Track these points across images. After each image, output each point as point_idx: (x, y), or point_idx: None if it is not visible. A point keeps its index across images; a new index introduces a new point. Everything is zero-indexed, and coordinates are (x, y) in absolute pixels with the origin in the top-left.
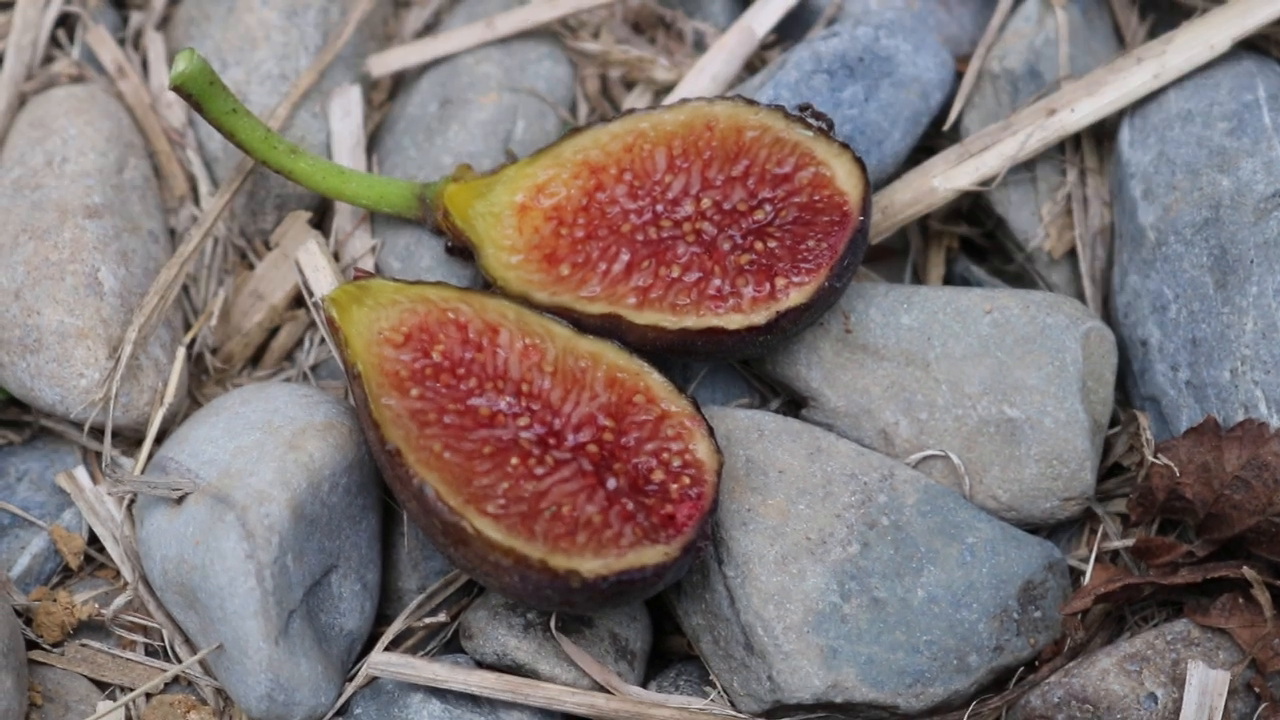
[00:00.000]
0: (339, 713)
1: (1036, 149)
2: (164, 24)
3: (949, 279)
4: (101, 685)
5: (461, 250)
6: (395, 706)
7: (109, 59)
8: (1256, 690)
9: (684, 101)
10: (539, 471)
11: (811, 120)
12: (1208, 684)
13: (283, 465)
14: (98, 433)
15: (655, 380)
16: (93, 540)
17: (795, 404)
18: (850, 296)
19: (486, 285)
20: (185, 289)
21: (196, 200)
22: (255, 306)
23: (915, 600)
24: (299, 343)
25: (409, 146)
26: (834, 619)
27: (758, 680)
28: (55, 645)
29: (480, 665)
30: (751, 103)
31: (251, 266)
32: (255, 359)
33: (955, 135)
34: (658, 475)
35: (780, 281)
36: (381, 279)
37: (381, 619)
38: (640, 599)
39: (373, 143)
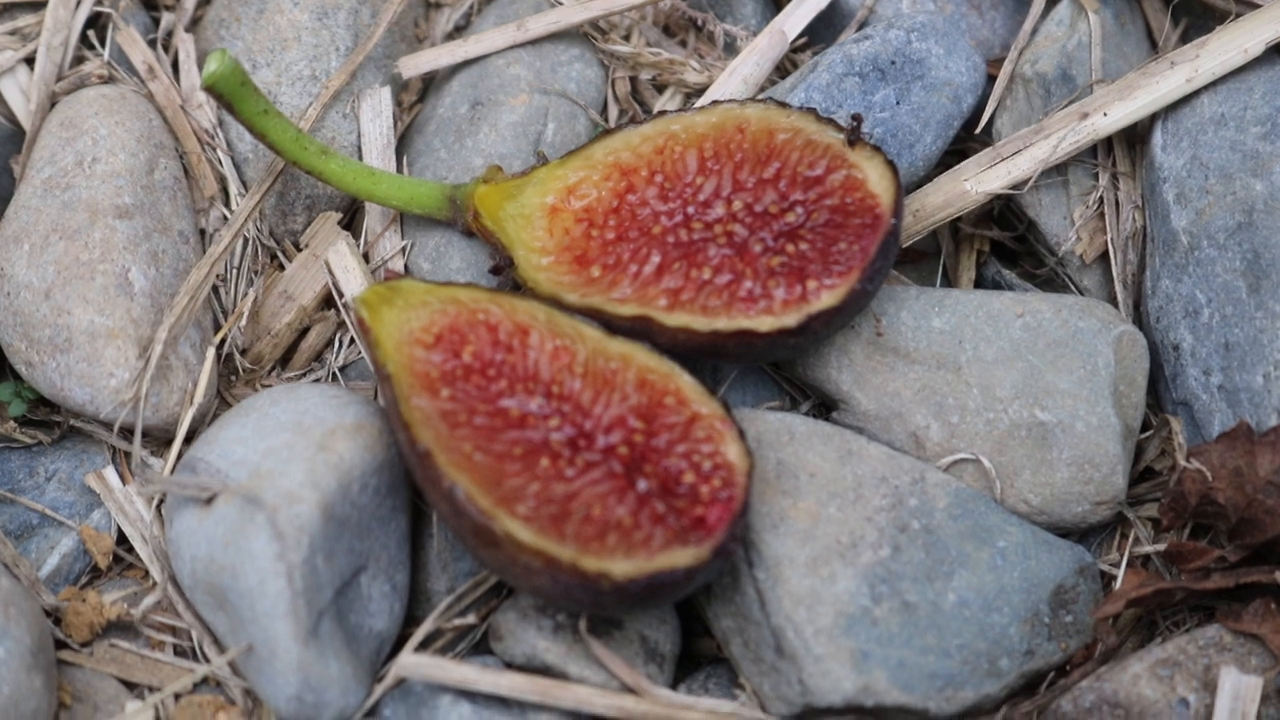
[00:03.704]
0: (368, 714)
1: (1068, 152)
2: (194, 25)
3: (980, 282)
4: (130, 685)
5: (501, 270)
6: (424, 708)
7: (139, 60)
8: None
9: (715, 104)
10: (569, 473)
11: (847, 124)
12: (1240, 689)
13: (312, 466)
14: (127, 433)
15: (686, 382)
16: (122, 540)
17: (826, 407)
18: (881, 299)
19: (517, 287)
20: (215, 289)
21: (227, 201)
22: (285, 307)
23: (946, 604)
24: (328, 343)
25: (439, 148)
26: (865, 622)
27: (788, 683)
28: (84, 645)
29: (509, 667)
30: (783, 105)
31: (281, 267)
32: (285, 359)
33: (987, 138)
34: (688, 477)
35: (812, 284)
36: (412, 280)
37: (411, 620)
38: (670, 601)
39: (403, 144)
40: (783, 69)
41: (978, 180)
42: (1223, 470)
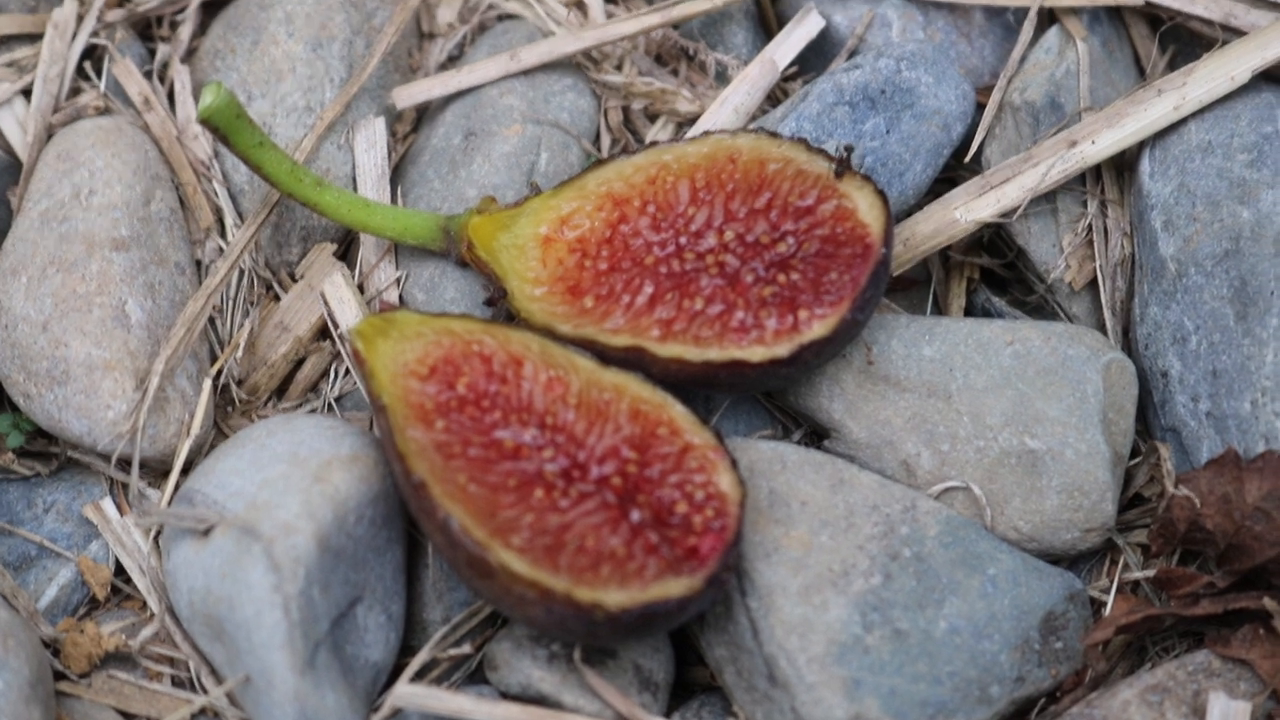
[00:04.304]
0: None
1: (1057, 180)
2: (190, 56)
3: (970, 310)
4: (128, 716)
5: (495, 302)
6: None
7: (135, 91)
8: None
9: (707, 134)
10: (563, 504)
11: (838, 153)
12: (1229, 715)
13: (308, 497)
14: (125, 464)
15: (678, 412)
16: (119, 571)
17: (818, 435)
18: (872, 328)
19: (510, 317)
20: (211, 321)
21: (223, 232)
22: (281, 338)
23: (937, 631)
24: (324, 374)
25: (433, 178)
26: (856, 650)
27: (780, 712)
28: (82, 676)
29: (504, 696)
30: (774, 135)
31: (277, 298)
32: (281, 390)
33: (976, 167)
34: (681, 507)
35: (803, 314)
36: (406, 311)
37: (406, 650)
38: (664, 631)
39: (397, 175)
40: (774, 98)
41: (967, 208)
42: (1211, 497)
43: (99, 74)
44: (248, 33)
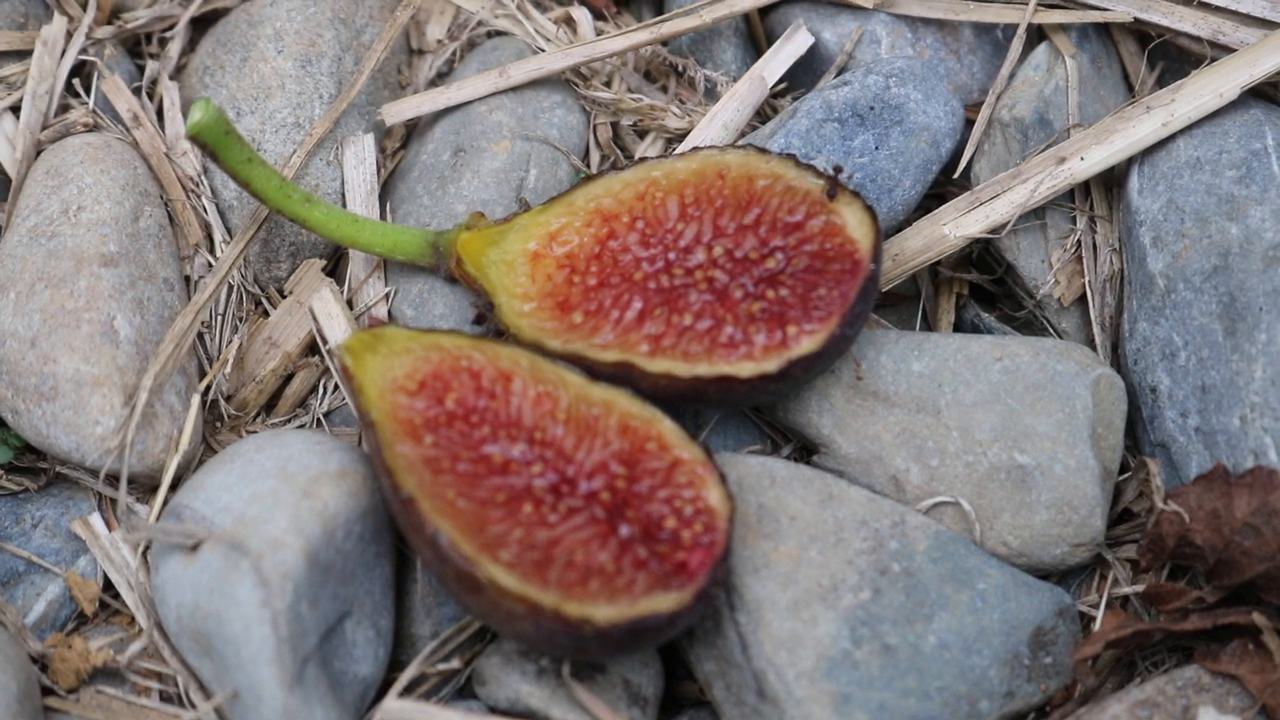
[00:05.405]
0: None
1: (1046, 196)
2: (179, 73)
3: (959, 325)
4: None
5: (484, 319)
6: None
7: (124, 108)
8: None
9: (696, 150)
10: (552, 519)
11: (826, 170)
12: None
13: (297, 512)
14: (113, 480)
15: (667, 427)
16: (108, 587)
17: (807, 451)
18: (861, 343)
19: (499, 333)
20: (200, 336)
21: (211, 248)
22: (270, 354)
23: (926, 646)
24: (313, 390)
25: (422, 194)
26: (846, 665)
27: None
28: (70, 692)
29: (493, 711)
30: (763, 151)
31: (266, 314)
32: (269, 406)
33: (965, 183)
34: (670, 522)
35: (792, 329)
36: (395, 327)
37: (395, 665)
38: (653, 646)
39: (386, 191)
40: (763, 114)
41: (956, 224)
42: (1200, 512)
43: (88, 90)
44: (237, 49)
